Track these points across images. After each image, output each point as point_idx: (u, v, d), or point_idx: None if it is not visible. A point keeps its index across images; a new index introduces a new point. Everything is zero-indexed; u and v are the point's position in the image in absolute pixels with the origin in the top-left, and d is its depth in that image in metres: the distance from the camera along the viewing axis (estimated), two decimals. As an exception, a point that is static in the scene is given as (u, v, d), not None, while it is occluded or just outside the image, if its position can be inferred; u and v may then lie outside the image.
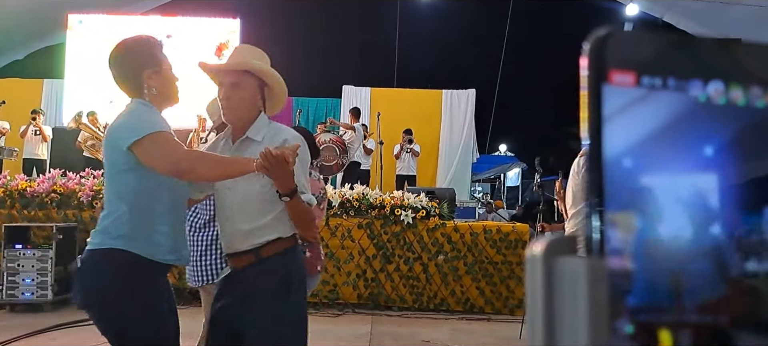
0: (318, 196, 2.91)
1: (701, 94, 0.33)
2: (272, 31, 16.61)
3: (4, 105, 9.63)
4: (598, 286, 0.31)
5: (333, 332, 5.57)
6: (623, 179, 0.32)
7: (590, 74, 0.33)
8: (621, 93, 0.33)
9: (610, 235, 0.31)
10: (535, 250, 0.33)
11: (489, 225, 6.83)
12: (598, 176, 0.32)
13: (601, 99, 0.32)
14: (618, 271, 0.31)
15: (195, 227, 3.17)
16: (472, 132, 12.06)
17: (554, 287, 0.32)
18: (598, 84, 0.33)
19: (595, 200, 0.32)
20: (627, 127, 0.32)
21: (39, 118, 9.90)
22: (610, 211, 0.32)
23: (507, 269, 6.58)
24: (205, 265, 3.14)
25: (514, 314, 6.29)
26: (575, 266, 0.32)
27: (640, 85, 0.33)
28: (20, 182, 6.81)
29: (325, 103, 12.69)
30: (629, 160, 0.32)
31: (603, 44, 0.33)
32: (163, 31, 11.49)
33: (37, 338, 5.03)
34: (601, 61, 0.33)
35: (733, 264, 0.33)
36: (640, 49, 0.33)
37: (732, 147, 0.34)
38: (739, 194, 0.33)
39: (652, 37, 0.33)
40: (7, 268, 6.04)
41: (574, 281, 0.31)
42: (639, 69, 0.33)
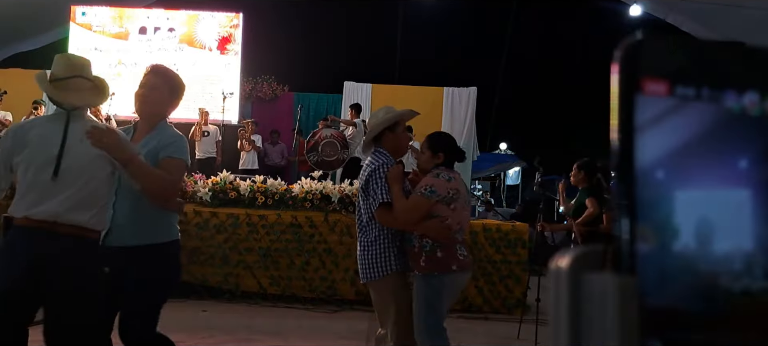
0: (447, 196, 3.01)
1: (736, 105, 0.32)
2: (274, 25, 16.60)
3: (6, 95, 9.61)
4: (628, 304, 0.29)
5: (330, 328, 5.56)
6: (655, 192, 0.31)
7: (622, 82, 0.31)
8: (654, 103, 0.31)
9: (641, 249, 0.30)
10: (560, 264, 0.32)
11: (488, 224, 6.81)
12: (629, 188, 0.30)
13: (633, 109, 0.31)
14: (648, 287, 0.30)
15: (359, 225, 3.22)
16: (473, 130, 12.03)
17: (581, 303, 0.31)
18: (630, 93, 0.31)
19: (625, 214, 0.30)
20: (659, 138, 0.31)
21: (40, 109, 9.87)
22: (640, 224, 0.30)
23: (506, 268, 6.57)
24: (368, 261, 3.15)
25: (513, 314, 6.27)
26: (605, 283, 0.30)
27: (673, 95, 0.32)
28: (20, 173, 6.79)
29: (326, 99, 12.65)
30: (661, 173, 0.31)
31: (635, 51, 0.31)
32: (166, 24, 11.48)
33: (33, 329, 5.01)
34: (634, 69, 0.31)
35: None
36: (674, 56, 0.32)
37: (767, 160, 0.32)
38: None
39: (686, 43, 0.32)
40: (6, 259, 6.03)
41: (604, 298, 0.30)
42: (672, 78, 0.32)
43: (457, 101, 12.07)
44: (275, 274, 6.51)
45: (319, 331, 5.42)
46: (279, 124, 11.80)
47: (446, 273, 2.98)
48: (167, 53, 11.01)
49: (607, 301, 0.30)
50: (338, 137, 9.30)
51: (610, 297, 0.30)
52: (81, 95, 2.56)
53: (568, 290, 0.31)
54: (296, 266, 6.49)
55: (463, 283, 3.13)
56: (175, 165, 2.54)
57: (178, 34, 11.43)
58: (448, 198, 3.00)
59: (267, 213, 6.53)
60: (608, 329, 0.30)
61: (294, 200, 6.60)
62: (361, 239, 3.17)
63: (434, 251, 2.98)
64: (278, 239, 6.49)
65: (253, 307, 6.19)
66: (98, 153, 2.33)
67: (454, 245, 3.01)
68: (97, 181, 2.41)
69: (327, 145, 9.04)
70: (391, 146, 3.15)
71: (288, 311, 6.16)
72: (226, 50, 11.44)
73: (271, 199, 6.56)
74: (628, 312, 0.30)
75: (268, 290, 6.48)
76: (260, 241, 6.49)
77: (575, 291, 0.31)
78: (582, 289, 0.31)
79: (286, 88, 12.56)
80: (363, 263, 3.15)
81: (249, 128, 10.38)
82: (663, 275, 0.31)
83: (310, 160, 9.15)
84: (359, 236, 3.18)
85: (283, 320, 5.77)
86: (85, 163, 2.37)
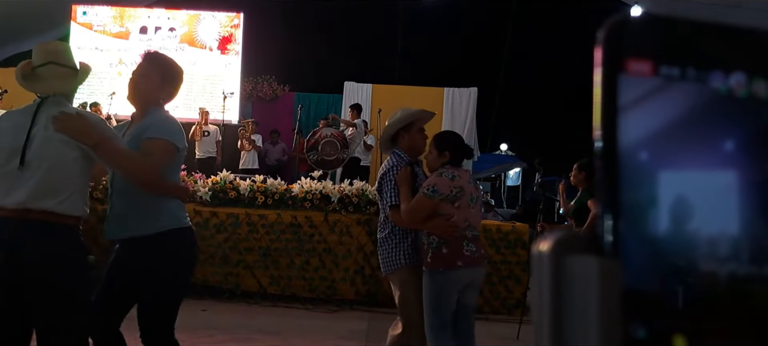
0: (450, 194, 3.11)
1: (722, 86, 0.32)
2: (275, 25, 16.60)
3: (6, 94, 9.60)
4: (610, 287, 0.29)
5: (330, 328, 5.55)
6: (638, 174, 0.30)
7: (605, 62, 0.31)
8: (637, 83, 0.31)
9: (624, 233, 0.30)
10: (542, 247, 0.31)
11: (488, 224, 6.80)
12: (612, 170, 0.30)
13: (617, 89, 0.30)
14: (632, 272, 0.29)
15: (378, 222, 3.44)
16: (474, 131, 12.03)
17: (563, 287, 0.30)
18: (612, 73, 0.31)
19: (607, 196, 0.30)
20: (643, 120, 0.30)
21: (40, 108, 9.87)
22: (623, 207, 0.30)
23: (506, 268, 6.56)
24: (383, 256, 3.35)
25: (512, 314, 6.26)
26: (586, 265, 0.30)
27: (657, 75, 0.31)
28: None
29: (327, 99, 12.65)
30: (645, 155, 0.30)
31: (619, 30, 0.31)
32: (167, 23, 11.49)
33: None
34: (617, 49, 0.31)
35: (754, 267, 0.31)
36: (658, 36, 0.31)
37: (754, 143, 0.32)
38: (760, 192, 0.31)
39: (671, 23, 0.31)
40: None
41: (585, 281, 0.29)
42: (657, 58, 0.31)
43: (458, 102, 12.07)
44: (275, 273, 6.51)
45: (318, 330, 5.42)
46: (279, 124, 11.80)
47: (451, 269, 3.06)
48: (168, 53, 11.01)
49: (589, 285, 0.29)
50: (338, 137, 9.30)
51: (592, 281, 0.29)
52: (49, 83, 2.52)
53: (549, 273, 0.31)
54: (296, 266, 6.49)
55: (474, 278, 3.19)
56: (155, 145, 2.43)
57: (178, 33, 11.44)
58: (452, 196, 3.08)
59: (267, 213, 6.52)
60: (590, 314, 0.29)
61: (294, 199, 6.60)
62: (378, 234, 3.39)
63: (440, 248, 3.07)
64: (278, 239, 6.49)
65: (253, 306, 6.18)
66: (62, 138, 2.33)
67: (460, 242, 3.08)
68: (62, 165, 2.38)
69: (327, 145, 9.04)
70: (407, 146, 3.31)
71: (288, 310, 6.15)
72: (226, 50, 11.45)
73: (270, 199, 6.56)
74: (611, 297, 0.29)
75: (268, 290, 6.48)
76: (260, 240, 6.49)
77: (557, 275, 0.31)
78: (564, 272, 0.31)
79: (286, 88, 12.57)
80: (380, 257, 3.37)
81: (249, 128, 10.38)
82: (646, 259, 0.30)
83: (310, 159, 9.15)
84: (377, 232, 3.41)
85: (282, 319, 5.77)
86: (48, 149, 2.36)
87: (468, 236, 3.11)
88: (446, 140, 3.26)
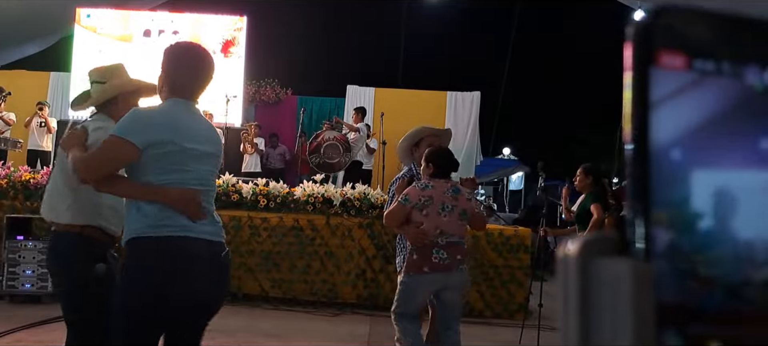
0: (418, 203, 3.46)
1: (758, 82, 0.30)
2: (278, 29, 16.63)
3: (10, 96, 9.62)
4: (643, 292, 0.27)
5: (331, 331, 5.53)
6: (671, 173, 0.29)
7: (636, 55, 0.29)
8: (670, 77, 0.29)
9: (657, 235, 0.28)
10: (569, 250, 0.30)
11: (491, 228, 6.78)
12: (644, 169, 0.28)
13: (648, 83, 0.29)
14: (665, 275, 0.28)
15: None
16: (476, 134, 12.01)
17: (591, 291, 0.29)
18: (644, 66, 0.29)
19: (639, 195, 0.28)
20: (676, 116, 0.29)
21: (45, 110, 9.89)
22: (656, 208, 0.28)
23: (508, 272, 6.53)
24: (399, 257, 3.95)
25: (514, 319, 6.23)
26: (617, 269, 0.28)
27: (691, 69, 0.30)
28: (24, 174, 6.80)
29: (329, 103, 12.64)
30: (678, 153, 0.29)
31: (652, 22, 0.29)
32: (170, 26, 11.49)
33: (36, 330, 5.01)
34: (649, 41, 0.29)
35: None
36: (693, 28, 0.30)
37: (791, 141, 0.30)
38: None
39: (705, 16, 0.30)
40: (8, 259, 6.02)
41: (616, 285, 0.28)
42: (690, 51, 0.29)
43: (461, 105, 12.05)
44: (277, 277, 6.49)
45: (320, 334, 5.39)
46: (282, 127, 11.80)
47: (418, 274, 3.38)
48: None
49: (620, 289, 0.28)
50: (341, 140, 9.29)
51: (624, 284, 0.28)
52: (85, 104, 2.73)
53: (577, 276, 0.29)
54: (298, 269, 6.47)
55: (446, 282, 3.43)
56: (103, 143, 2.19)
57: (182, 36, 11.43)
58: (420, 205, 3.36)
59: (269, 216, 6.51)
60: (621, 320, 0.28)
61: (296, 203, 6.59)
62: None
63: (412, 253, 3.42)
64: (280, 242, 6.48)
65: (255, 309, 6.16)
66: (62, 152, 2.44)
67: (430, 249, 3.35)
68: (57, 178, 2.52)
69: (329, 148, 9.04)
70: (418, 160, 3.79)
71: (289, 313, 6.13)
72: (229, 53, 11.44)
73: (273, 202, 6.55)
74: (644, 301, 0.27)
75: (270, 293, 6.47)
76: (262, 244, 6.48)
77: (585, 278, 0.29)
78: (593, 276, 0.29)
79: (289, 91, 12.56)
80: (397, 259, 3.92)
81: (252, 131, 10.38)
82: (680, 262, 0.29)
83: (312, 161, 9.14)
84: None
85: (284, 322, 5.75)
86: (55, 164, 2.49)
87: (440, 243, 3.35)
88: (432, 155, 3.56)
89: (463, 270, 3.47)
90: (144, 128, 2.13)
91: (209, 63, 2.36)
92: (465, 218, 3.46)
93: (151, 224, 2.11)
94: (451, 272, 3.37)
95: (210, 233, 2.18)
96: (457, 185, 3.53)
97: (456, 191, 3.45)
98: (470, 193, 3.63)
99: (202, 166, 2.22)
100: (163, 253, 2.10)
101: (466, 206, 3.47)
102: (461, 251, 3.45)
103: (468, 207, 3.48)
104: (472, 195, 3.63)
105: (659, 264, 0.28)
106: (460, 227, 3.46)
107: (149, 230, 2.11)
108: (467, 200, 3.51)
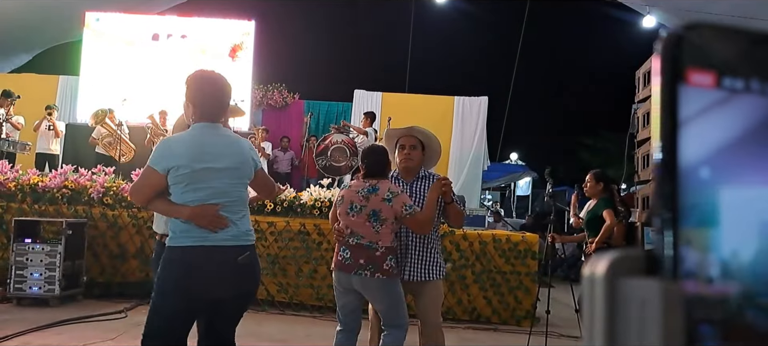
0: (336, 201, 3.49)
1: (788, 100, 0.30)
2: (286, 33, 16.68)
3: (18, 99, 9.69)
4: (672, 313, 0.27)
5: (339, 337, 5.52)
6: (700, 192, 0.28)
7: (665, 72, 0.29)
8: (699, 95, 0.29)
9: (686, 255, 0.28)
10: (595, 269, 0.29)
11: (498, 234, 6.76)
12: (672, 187, 0.28)
13: (677, 101, 0.29)
14: (695, 297, 0.27)
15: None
16: (484, 140, 11.99)
17: (618, 312, 0.28)
18: (673, 84, 0.29)
19: (667, 214, 0.28)
20: (705, 134, 0.29)
21: (53, 113, 9.96)
22: (685, 227, 0.28)
23: (515, 279, 6.51)
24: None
25: (521, 325, 6.21)
26: (645, 289, 0.28)
27: (720, 87, 0.29)
28: (32, 177, 6.84)
29: (337, 107, 12.67)
30: (707, 171, 0.28)
31: (680, 39, 0.29)
32: (179, 31, 11.56)
33: (44, 333, 5.02)
34: (678, 59, 0.29)
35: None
36: (722, 46, 0.29)
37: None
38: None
39: (733, 33, 0.30)
40: (16, 262, 6.05)
41: (644, 307, 0.27)
42: (720, 68, 0.29)
43: (468, 110, 12.04)
44: (283, 281, 6.49)
45: (326, 339, 5.36)
46: (289, 131, 11.83)
47: (333, 270, 3.43)
48: (179, 60, 11.08)
49: (648, 310, 0.27)
50: (349, 144, 9.30)
51: (652, 305, 0.27)
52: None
53: (604, 296, 0.29)
54: (304, 274, 6.48)
55: (346, 283, 3.34)
56: (142, 171, 2.72)
57: (190, 40, 11.50)
58: (338, 203, 3.41)
59: (276, 220, 6.52)
60: (649, 341, 0.27)
61: (303, 207, 6.59)
62: None
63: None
64: (286, 246, 6.48)
65: (261, 314, 6.16)
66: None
67: (340, 247, 3.34)
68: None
69: (336, 151, 9.05)
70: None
71: (295, 318, 6.13)
72: (236, 57, 11.49)
73: (279, 206, 6.56)
74: (673, 323, 0.27)
75: (276, 298, 6.47)
76: (269, 248, 6.48)
77: (612, 298, 0.29)
78: (620, 296, 0.29)
79: (296, 95, 12.59)
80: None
81: (259, 135, 10.41)
82: (710, 282, 0.28)
83: (319, 164, 9.15)
84: None
85: (290, 327, 5.75)
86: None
87: (350, 242, 3.28)
88: (362, 154, 3.55)
89: (364, 276, 3.22)
90: (165, 157, 2.55)
91: (226, 88, 2.70)
92: (376, 219, 3.22)
93: (175, 236, 2.57)
94: (350, 274, 3.25)
95: (227, 239, 2.55)
96: (376, 185, 3.27)
97: (371, 190, 3.25)
98: (394, 193, 3.24)
99: (220, 181, 2.56)
100: (182, 259, 2.53)
101: (379, 207, 3.21)
102: (366, 254, 3.22)
103: (382, 208, 3.21)
104: (395, 195, 3.24)
105: (689, 284, 0.28)
106: (368, 229, 3.23)
107: (173, 241, 2.56)
108: (383, 201, 3.22)
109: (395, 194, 3.25)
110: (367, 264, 3.22)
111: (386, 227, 3.24)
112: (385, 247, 3.25)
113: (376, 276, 3.23)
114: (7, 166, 6.99)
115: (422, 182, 3.56)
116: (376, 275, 3.22)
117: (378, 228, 3.23)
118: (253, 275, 2.69)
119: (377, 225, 3.23)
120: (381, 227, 3.23)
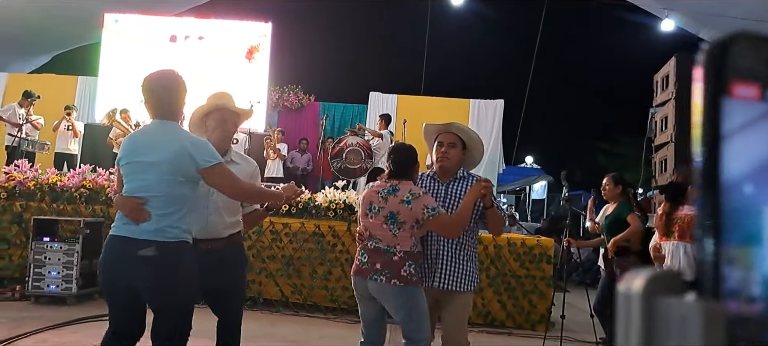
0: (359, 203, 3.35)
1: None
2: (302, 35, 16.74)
3: (38, 99, 9.82)
4: (713, 333, 0.26)
5: (352, 338, 5.50)
6: (743, 208, 0.27)
7: (707, 85, 0.28)
8: (743, 108, 0.28)
9: (728, 273, 0.27)
10: (632, 287, 0.28)
11: (513, 238, 6.72)
12: (714, 203, 0.27)
13: (720, 114, 0.28)
14: (737, 316, 0.26)
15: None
16: (499, 143, 11.94)
17: (655, 330, 0.28)
18: (716, 96, 0.28)
19: (709, 231, 0.27)
20: (748, 148, 0.28)
21: (72, 114, 10.08)
22: (727, 244, 0.27)
23: (530, 283, 6.47)
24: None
25: (536, 330, 6.16)
26: (685, 309, 0.27)
27: (764, 100, 0.28)
28: (51, 176, 6.92)
29: (352, 109, 12.68)
30: (750, 187, 0.27)
31: (724, 51, 0.28)
32: (196, 32, 11.64)
33: (60, 330, 5.08)
34: (722, 71, 0.28)
35: None
36: (765, 58, 0.28)
37: None
38: None
39: (778, 43, 0.29)
40: (34, 260, 6.12)
41: (684, 325, 0.27)
42: (764, 81, 0.28)
43: (484, 113, 12.00)
44: (297, 282, 6.51)
45: (340, 341, 5.39)
46: (305, 133, 11.87)
47: (352, 275, 3.28)
48: (196, 61, 11.15)
49: (688, 329, 0.26)
50: (364, 146, 9.30)
51: (692, 325, 0.26)
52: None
53: (640, 315, 0.28)
54: (318, 275, 6.48)
55: (362, 288, 3.17)
56: None
57: (207, 42, 11.59)
58: (360, 204, 3.28)
59: (290, 222, 6.54)
60: (689, 361, 0.26)
61: (317, 209, 6.60)
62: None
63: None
64: (301, 248, 6.50)
65: (275, 315, 6.19)
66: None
67: (360, 251, 3.20)
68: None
69: (351, 153, 9.05)
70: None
71: (310, 319, 6.14)
72: (253, 59, 11.55)
73: (294, 207, 6.58)
74: (714, 342, 0.26)
75: (290, 299, 6.48)
76: (283, 249, 6.50)
77: (649, 317, 0.28)
78: (657, 315, 0.28)
79: (312, 97, 12.63)
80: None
81: (275, 137, 10.45)
82: (753, 301, 0.27)
83: (334, 166, 9.16)
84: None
85: (304, 328, 5.76)
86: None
87: (368, 246, 3.13)
88: (389, 153, 3.32)
89: (379, 281, 3.02)
90: (120, 152, 2.78)
91: (173, 83, 2.79)
92: (393, 221, 3.03)
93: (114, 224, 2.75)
94: (366, 278, 3.07)
95: (133, 232, 2.62)
96: (397, 186, 3.07)
97: (391, 191, 3.05)
98: (414, 195, 3.03)
99: (145, 174, 2.65)
100: (104, 246, 2.75)
101: (397, 209, 3.01)
102: (382, 258, 3.03)
103: (400, 210, 3.00)
104: (415, 197, 3.02)
105: (730, 303, 0.27)
106: (385, 232, 3.05)
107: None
108: (401, 203, 3.01)
109: (416, 196, 3.01)
110: (383, 269, 3.02)
111: (404, 230, 3.02)
112: (403, 252, 3.02)
113: (392, 282, 3.00)
114: (26, 166, 7.08)
115: (460, 183, 3.29)
116: (392, 281, 3.00)
117: (395, 231, 3.03)
118: (156, 270, 2.59)
119: (394, 228, 3.03)
120: (398, 230, 3.03)
